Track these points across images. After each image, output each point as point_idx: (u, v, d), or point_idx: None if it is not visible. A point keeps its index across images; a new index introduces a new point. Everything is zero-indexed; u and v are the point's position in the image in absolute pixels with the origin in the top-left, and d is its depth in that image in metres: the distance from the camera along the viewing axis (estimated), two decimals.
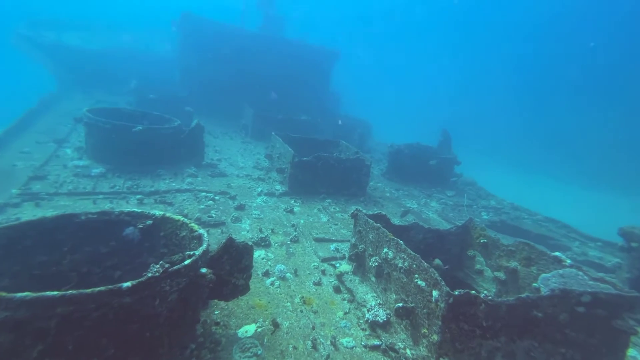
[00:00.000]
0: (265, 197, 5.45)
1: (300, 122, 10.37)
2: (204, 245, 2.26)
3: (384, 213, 3.43)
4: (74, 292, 1.47)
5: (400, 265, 2.67)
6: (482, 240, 3.31)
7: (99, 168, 5.23)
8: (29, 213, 3.72)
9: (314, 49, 12.83)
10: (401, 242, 2.72)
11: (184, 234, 2.63)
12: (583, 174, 28.63)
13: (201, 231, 2.48)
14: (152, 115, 6.76)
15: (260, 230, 4.29)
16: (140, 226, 2.61)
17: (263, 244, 3.94)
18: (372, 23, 47.27)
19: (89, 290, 1.52)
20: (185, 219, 2.64)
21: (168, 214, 2.67)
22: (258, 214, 4.78)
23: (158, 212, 2.67)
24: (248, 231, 4.25)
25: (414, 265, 2.51)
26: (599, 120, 31.60)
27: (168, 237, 2.69)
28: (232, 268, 2.55)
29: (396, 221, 3.55)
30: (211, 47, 11.27)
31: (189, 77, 11.54)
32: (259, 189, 5.70)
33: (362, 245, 3.30)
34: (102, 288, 1.57)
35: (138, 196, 4.61)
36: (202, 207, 4.65)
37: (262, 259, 3.66)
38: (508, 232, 5.95)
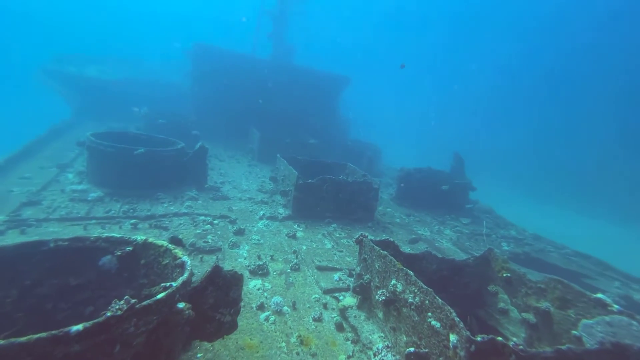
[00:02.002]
0: (267, 221, 5.17)
1: (308, 145, 10.24)
2: (185, 275, 1.98)
3: (392, 239, 3.09)
4: (1, 342, 1.18)
5: (410, 300, 2.31)
6: (505, 274, 2.90)
7: (97, 192, 5.08)
8: (11, 241, 3.50)
9: (323, 75, 12.95)
10: (411, 273, 2.38)
11: (167, 261, 2.36)
12: (610, 207, 26.72)
13: (184, 258, 2.20)
14: (156, 138, 6.71)
15: (259, 257, 3.97)
16: (119, 253, 2.36)
17: (260, 272, 3.62)
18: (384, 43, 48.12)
19: (23, 339, 1.23)
20: (170, 245, 2.37)
21: (150, 239, 2.41)
22: (258, 239, 4.48)
23: (140, 237, 2.42)
24: (245, 258, 3.94)
25: (427, 302, 2.16)
26: (624, 153, 29.87)
27: (149, 265, 2.41)
28: (217, 302, 2.24)
29: (407, 249, 3.20)
30: (221, 74, 11.52)
31: (200, 103, 11.74)
32: (261, 213, 5.43)
33: (368, 276, 2.95)
34: (43, 334, 1.28)
35: (132, 221, 4.38)
36: (198, 231, 4.39)
37: (258, 289, 3.33)
38: (532, 266, 5.36)
